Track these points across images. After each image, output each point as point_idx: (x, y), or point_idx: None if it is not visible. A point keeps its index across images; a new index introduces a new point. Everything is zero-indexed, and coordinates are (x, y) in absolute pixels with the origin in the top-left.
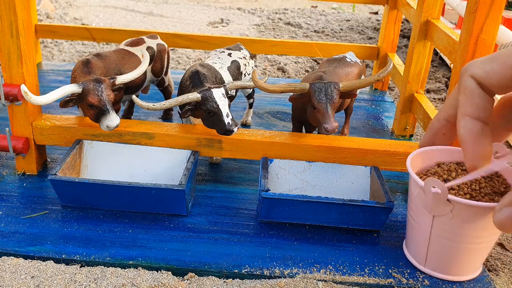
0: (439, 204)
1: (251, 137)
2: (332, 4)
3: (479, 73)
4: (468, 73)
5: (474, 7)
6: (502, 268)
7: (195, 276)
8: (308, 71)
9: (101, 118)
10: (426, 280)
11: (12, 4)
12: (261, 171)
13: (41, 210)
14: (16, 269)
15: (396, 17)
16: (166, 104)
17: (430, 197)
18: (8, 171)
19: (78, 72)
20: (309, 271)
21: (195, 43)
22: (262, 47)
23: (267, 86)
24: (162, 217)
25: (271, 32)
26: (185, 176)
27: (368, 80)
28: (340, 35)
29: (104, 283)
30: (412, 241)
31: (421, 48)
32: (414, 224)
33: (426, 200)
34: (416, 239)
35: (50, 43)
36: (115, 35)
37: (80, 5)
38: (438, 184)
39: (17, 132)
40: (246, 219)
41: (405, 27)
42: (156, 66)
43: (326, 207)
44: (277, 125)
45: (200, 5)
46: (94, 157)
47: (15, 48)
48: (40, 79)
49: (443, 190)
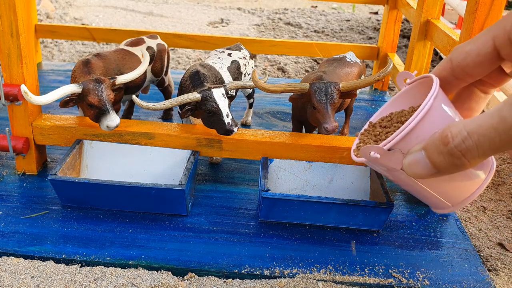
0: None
1: (251, 137)
2: (332, 4)
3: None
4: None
5: (474, 7)
6: (502, 268)
7: (195, 276)
8: (308, 71)
9: (101, 118)
10: (426, 280)
11: (12, 4)
12: (261, 171)
13: (41, 210)
14: (16, 269)
15: (396, 17)
16: (166, 104)
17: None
18: (8, 171)
19: (78, 72)
20: (309, 271)
21: (195, 43)
22: (262, 47)
23: (267, 86)
24: (162, 217)
25: (271, 32)
26: (185, 176)
27: (368, 80)
28: (340, 35)
29: (104, 283)
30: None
31: (421, 48)
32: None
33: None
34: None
35: (50, 43)
36: (115, 35)
37: (80, 5)
38: (372, 149)
39: (17, 132)
40: (246, 219)
41: (405, 27)
42: (156, 66)
43: (326, 207)
44: (277, 125)
45: (200, 5)
46: (94, 157)
47: (15, 48)
48: (40, 79)
49: (381, 151)
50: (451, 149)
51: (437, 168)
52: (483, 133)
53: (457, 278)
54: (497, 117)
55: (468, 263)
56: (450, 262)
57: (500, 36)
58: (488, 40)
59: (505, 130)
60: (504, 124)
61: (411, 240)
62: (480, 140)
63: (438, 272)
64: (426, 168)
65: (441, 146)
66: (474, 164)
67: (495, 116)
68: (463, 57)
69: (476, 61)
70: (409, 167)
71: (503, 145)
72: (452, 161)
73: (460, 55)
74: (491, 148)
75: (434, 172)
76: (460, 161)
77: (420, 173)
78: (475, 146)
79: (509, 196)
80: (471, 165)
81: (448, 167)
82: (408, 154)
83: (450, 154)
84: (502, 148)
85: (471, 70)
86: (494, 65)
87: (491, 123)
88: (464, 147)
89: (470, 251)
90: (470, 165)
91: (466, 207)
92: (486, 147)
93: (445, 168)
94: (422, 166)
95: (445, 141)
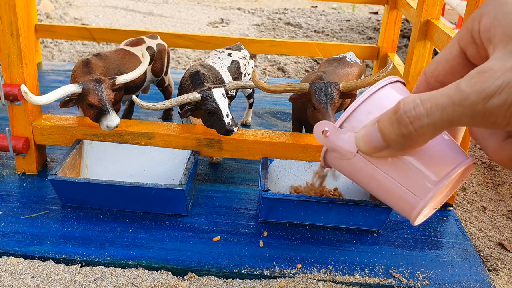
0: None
1: (251, 137)
2: (332, 4)
3: None
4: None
5: (474, 7)
6: (502, 268)
7: (195, 276)
8: (308, 71)
9: (101, 118)
10: (426, 280)
11: (12, 4)
12: (261, 171)
13: (41, 210)
14: (16, 269)
15: (396, 17)
16: (166, 104)
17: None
18: (8, 171)
19: (78, 72)
20: (309, 271)
21: (195, 43)
22: (262, 47)
23: (267, 86)
24: (162, 217)
25: (271, 32)
26: (185, 176)
27: (368, 80)
28: (340, 35)
29: (104, 283)
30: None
31: (421, 48)
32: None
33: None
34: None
35: (50, 43)
36: (115, 35)
37: (80, 5)
38: (324, 124)
39: (17, 132)
40: (246, 219)
41: (405, 27)
42: (156, 66)
43: (326, 207)
44: (277, 125)
45: (200, 5)
46: (94, 157)
47: (15, 48)
48: (40, 79)
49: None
50: (400, 116)
51: (386, 141)
52: (436, 102)
53: (457, 278)
54: (454, 88)
55: (468, 263)
56: (450, 262)
57: (464, 37)
58: (454, 44)
59: (461, 100)
60: (460, 94)
61: (411, 240)
62: (433, 108)
63: (438, 272)
64: (377, 141)
65: (392, 115)
66: (423, 135)
67: (452, 86)
68: (434, 67)
69: (446, 68)
70: (360, 140)
71: (457, 117)
72: (400, 130)
73: (431, 66)
74: (443, 118)
75: (384, 146)
76: (407, 130)
77: (371, 146)
78: (425, 114)
79: (509, 196)
80: (419, 136)
81: (396, 139)
82: (361, 129)
83: (399, 122)
84: (455, 121)
85: (443, 79)
86: (464, 70)
87: (447, 93)
88: (413, 114)
89: (470, 251)
90: (417, 136)
91: (466, 207)
92: (437, 116)
93: (394, 140)
94: (373, 138)
95: (396, 108)
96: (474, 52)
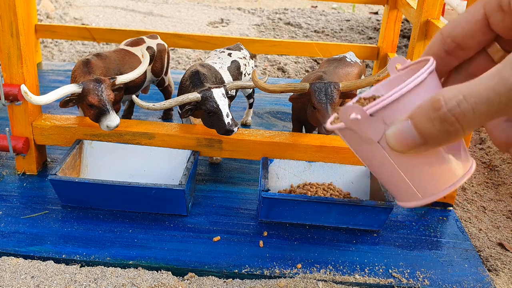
0: (370, 128)
1: (251, 137)
2: (332, 4)
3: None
4: None
5: None
6: (502, 268)
7: (195, 276)
8: (308, 71)
9: (101, 118)
10: (426, 280)
11: (12, 4)
12: (261, 171)
13: (41, 210)
14: (16, 269)
15: (396, 17)
16: (166, 104)
17: (359, 128)
18: (8, 171)
19: (78, 72)
20: (309, 271)
21: (195, 43)
22: (262, 47)
23: (267, 86)
24: (162, 217)
25: (271, 32)
26: (185, 176)
27: (368, 80)
28: (340, 35)
29: (104, 283)
30: (394, 186)
31: (421, 48)
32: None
33: (363, 132)
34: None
35: (50, 43)
36: (115, 35)
37: (80, 5)
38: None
39: (17, 132)
40: (246, 219)
41: (405, 27)
42: (156, 66)
43: (326, 207)
44: (277, 125)
45: (200, 5)
46: (94, 157)
47: (15, 48)
48: (40, 79)
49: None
50: (443, 114)
51: (424, 138)
52: (480, 96)
53: (457, 278)
54: (497, 77)
55: (468, 263)
56: (450, 262)
57: (491, 1)
58: (479, 8)
59: (506, 91)
60: (504, 85)
61: (411, 240)
62: (477, 102)
63: (438, 272)
64: (412, 138)
65: (431, 112)
66: (469, 131)
67: (493, 76)
68: (453, 27)
69: (465, 30)
70: (393, 137)
71: (502, 108)
72: (445, 128)
73: (449, 25)
74: (488, 112)
75: (421, 143)
76: (453, 127)
77: (405, 144)
78: (471, 109)
79: (509, 196)
80: (465, 132)
81: (438, 136)
82: (392, 125)
83: (443, 120)
84: (500, 112)
85: (461, 41)
86: (485, 36)
87: (489, 85)
88: (458, 111)
89: (470, 251)
90: (463, 133)
91: (466, 207)
92: (483, 110)
93: (435, 137)
94: (408, 135)
95: (437, 106)
96: (498, 20)
